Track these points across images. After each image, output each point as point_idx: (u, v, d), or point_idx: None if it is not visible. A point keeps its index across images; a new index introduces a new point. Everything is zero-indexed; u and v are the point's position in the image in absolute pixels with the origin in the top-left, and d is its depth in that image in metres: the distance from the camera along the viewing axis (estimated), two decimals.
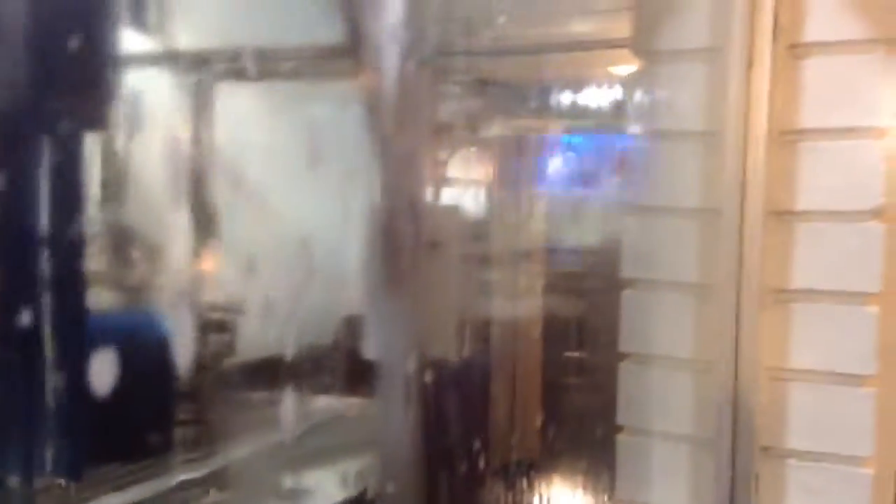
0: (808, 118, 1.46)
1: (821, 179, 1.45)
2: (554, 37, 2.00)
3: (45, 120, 1.22)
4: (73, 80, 1.27)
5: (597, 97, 2.30)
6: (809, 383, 1.46)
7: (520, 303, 3.01)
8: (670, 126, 1.55)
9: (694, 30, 1.52)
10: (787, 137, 1.46)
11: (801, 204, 1.45)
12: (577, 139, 2.53)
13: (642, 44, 1.57)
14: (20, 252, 1.24)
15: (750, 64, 1.45)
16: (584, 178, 2.52)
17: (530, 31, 2.05)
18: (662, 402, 1.56)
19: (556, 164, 2.55)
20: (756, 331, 1.45)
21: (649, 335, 1.57)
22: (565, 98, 2.40)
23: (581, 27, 1.99)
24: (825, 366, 1.45)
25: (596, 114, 2.33)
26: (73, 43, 1.23)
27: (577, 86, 2.35)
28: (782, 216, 1.46)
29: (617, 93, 2.21)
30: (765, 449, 1.48)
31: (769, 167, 1.44)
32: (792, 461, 1.47)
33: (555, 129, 2.50)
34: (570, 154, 2.53)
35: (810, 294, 1.45)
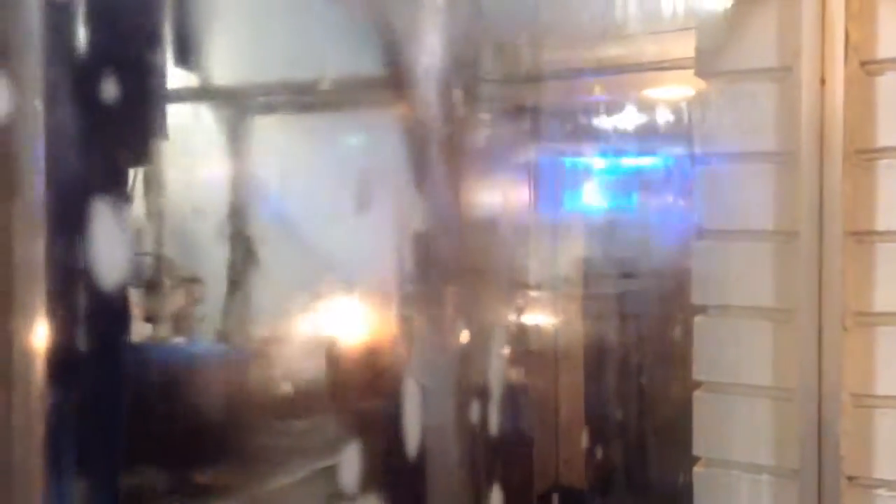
0: (885, 136, 1.41)
1: None
2: (617, 59, 1.98)
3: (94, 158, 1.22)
4: (120, 117, 1.27)
5: (662, 118, 2.27)
6: None
7: (574, 330, 2.96)
8: (741, 147, 1.51)
9: (762, 48, 1.49)
10: (863, 156, 1.42)
11: (882, 224, 1.41)
12: (641, 162, 2.50)
13: (707, 64, 1.55)
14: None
15: (822, 82, 1.41)
16: (650, 202, 2.49)
17: (592, 53, 2.04)
18: (740, 431, 1.51)
19: (620, 188, 2.52)
20: (839, 356, 1.40)
21: (725, 363, 1.52)
22: (629, 120, 2.37)
23: (644, 48, 1.96)
24: None
25: (662, 135, 2.30)
26: (120, 79, 1.23)
27: (640, 107, 2.32)
28: (862, 237, 1.42)
29: (683, 114, 2.18)
30: (851, 479, 1.42)
31: (846, 187, 1.40)
32: (881, 492, 1.41)
33: (619, 152, 2.47)
34: (635, 178, 2.50)
35: (895, 317, 1.40)
